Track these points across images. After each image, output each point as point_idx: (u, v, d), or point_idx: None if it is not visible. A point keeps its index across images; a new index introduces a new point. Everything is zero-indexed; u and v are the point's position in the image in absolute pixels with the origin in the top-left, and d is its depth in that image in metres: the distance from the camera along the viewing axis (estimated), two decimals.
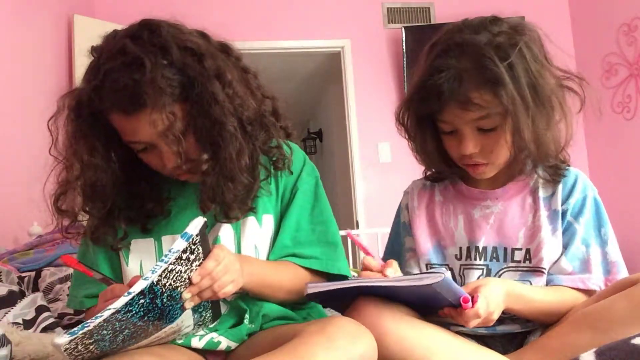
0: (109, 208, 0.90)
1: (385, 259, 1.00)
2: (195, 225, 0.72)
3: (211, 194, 0.88)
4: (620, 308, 0.77)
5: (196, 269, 0.73)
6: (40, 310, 1.17)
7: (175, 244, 0.69)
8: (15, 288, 1.20)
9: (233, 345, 0.87)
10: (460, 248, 1.00)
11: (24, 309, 1.15)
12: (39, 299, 1.20)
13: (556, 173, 0.97)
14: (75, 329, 0.62)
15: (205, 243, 0.75)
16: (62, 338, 0.61)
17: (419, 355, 0.79)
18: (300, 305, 0.99)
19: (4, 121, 1.99)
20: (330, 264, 0.96)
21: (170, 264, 0.68)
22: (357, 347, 0.70)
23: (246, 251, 0.93)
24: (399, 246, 1.09)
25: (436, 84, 0.86)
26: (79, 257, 0.99)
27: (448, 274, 0.74)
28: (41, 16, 2.46)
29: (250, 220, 0.95)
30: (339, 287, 0.81)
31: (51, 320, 1.17)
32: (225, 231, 0.93)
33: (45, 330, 1.12)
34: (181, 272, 0.71)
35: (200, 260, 0.74)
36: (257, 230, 0.95)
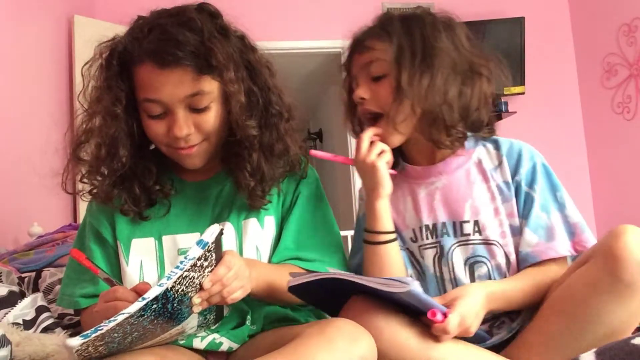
0: (122, 174, 0.89)
1: (351, 254, 1.04)
2: (211, 232, 0.72)
3: (251, 168, 0.90)
4: (579, 289, 0.79)
5: (208, 275, 0.73)
6: (40, 310, 1.17)
7: (191, 251, 0.69)
8: (16, 288, 1.20)
9: (234, 346, 0.87)
10: (414, 230, 1.01)
11: (24, 309, 1.14)
12: (39, 299, 1.20)
13: (480, 130, 1.00)
14: (89, 331, 0.62)
15: (218, 249, 0.75)
16: (75, 340, 0.61)
17: (414, 355, 0.79)
18: (302, 308, 0.99)
19: (4, 121, 1.99)
20: (331, 266, 0.96)
21: (186, 270, 0.68)
22: (356, 348, 0.70)
23: (248, 252, 0.94)
24: (360, 240, 1.08)
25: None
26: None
27: (415, 285, 0.73)
28: (41, 16, 2.46)
29: (252, 221, 0.95)
30: (318, 277, 0.78)
31: (51, 320, 1.17)
32: (228, 231, 0.94)
33: (45, 330, 1.12)
34: (194, 278, 0.71)
35: (213, 267, 0.74)
36: (259, 231, 0.95)
